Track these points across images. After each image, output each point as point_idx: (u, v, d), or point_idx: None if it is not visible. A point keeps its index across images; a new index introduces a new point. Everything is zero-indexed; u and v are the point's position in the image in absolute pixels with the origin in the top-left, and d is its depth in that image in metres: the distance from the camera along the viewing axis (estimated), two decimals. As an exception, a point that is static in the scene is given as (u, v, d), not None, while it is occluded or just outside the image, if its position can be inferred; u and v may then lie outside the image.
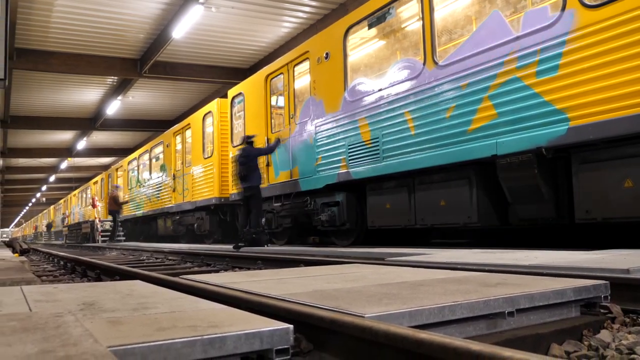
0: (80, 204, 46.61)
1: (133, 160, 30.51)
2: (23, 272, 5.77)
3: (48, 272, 11.04)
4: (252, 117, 16.00)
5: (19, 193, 75.18)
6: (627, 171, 7.01)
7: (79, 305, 2.92)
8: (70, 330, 1.82)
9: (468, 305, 2.80)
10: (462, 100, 8.98)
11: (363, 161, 11.11)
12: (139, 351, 1.91)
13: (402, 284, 3.69)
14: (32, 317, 2.13)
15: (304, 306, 2.75)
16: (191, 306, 2.84)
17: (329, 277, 4.29)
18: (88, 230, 32.93)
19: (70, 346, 1.57)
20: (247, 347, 2.12)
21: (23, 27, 20.57)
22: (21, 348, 1.57)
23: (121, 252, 19.36)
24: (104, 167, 51.80)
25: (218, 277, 4.68)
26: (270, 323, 2.27)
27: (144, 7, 19.41)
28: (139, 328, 2.22)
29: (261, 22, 21.05)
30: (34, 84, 27.41)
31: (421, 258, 6.48)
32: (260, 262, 9.37)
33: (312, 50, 13.14)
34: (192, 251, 12.57)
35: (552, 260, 5.29)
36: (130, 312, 2.68)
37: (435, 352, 1.93)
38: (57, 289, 3.74)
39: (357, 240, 12.36)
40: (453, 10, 10.90)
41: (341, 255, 9.00)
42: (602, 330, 3.09)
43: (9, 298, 3.25)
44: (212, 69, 25.80)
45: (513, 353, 1.69)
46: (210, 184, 19.40)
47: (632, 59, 6.74)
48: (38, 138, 40.31)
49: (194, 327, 2.20)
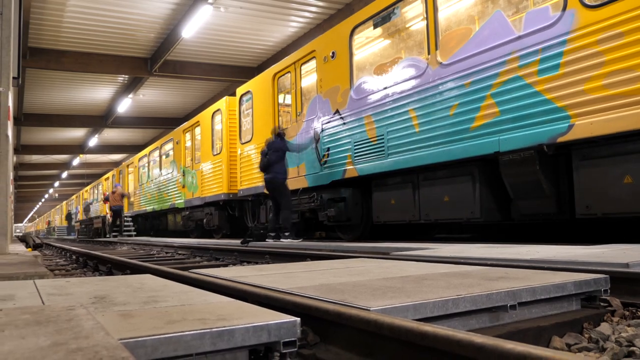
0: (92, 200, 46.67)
1: (144, 157, 30.53)
2: (36, 266, 5.78)
3: (60, 266, 11.06)
4: (260, 115, 16.01)
5: (32, 189, 75.44)
6: (626, 167, 7.00)
7: (90, 299, 2.93)
8: (82, 323, 1.82)
9: (471, 298, 2.80)
10: (465, 98, 8.98)
11: (368, 158, 11.11)
12: (150, 343, 1.91)
13: (406, 277, 3.68)
14: (45, 310, 2.13)
15: (310, 299, 2.75)
16: (200, 299, 2.84)
17: (335, 271, 4.29)
18: (100, 225, 32.97)
19: (82, 339, 1.58)
20: (255, 339, 2.12)
21: (36, 27, 20.64)
22: (34, 340, 1.58)
23: (132, 246, 19.39)
24: (115, 163, 51.93)
25: (227, 271, 4.68)
26: (277, 316, 2.27)
27: (154, 7, 19.46)
28: (149, 321, 2.22)
29: (269, 22, 21.09)
30: (47, 82, 27.51)
31: (425, 252, 6.47)
32: (267, 256, 9.37)
33: (318, 49, 13.14)
34: (201, 246, 12.57)
35: (553, 254, 5.28)
36: (141, 305, 2.68)
37: (439, 345, 1.93)
38: (70, 283, 3.75)
39: (362, 235, 12.36)
40: (456, 10, 10.89)
41: (347, 249, 9.00)
42: (602, 323, 3.09)
43: (22, 291, 3.25)
44: (220, 68, 25.86)
45: (515, 345, 1.69)
46: (219, 180, 19.42)
47: (631, 58, 6.74)
48: (51, 135, 40.42)
49: (203, 320, 2.20)
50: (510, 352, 1.68)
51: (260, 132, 15.92)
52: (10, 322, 1.88)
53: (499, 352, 1.71)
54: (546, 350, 1.61)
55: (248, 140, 16.72)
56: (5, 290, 3.31)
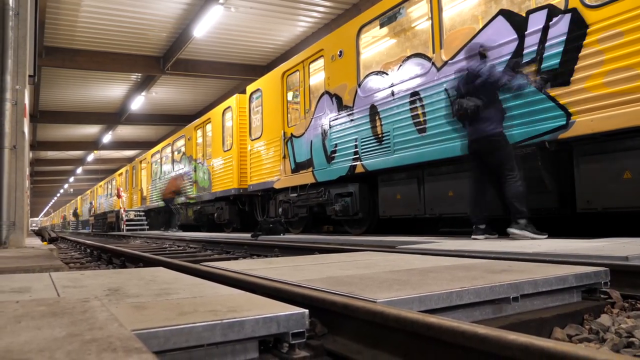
0: (106, 195, 46.75)
1: (156, 153, 30.56)
2: (52, 259, 5.80)
3: (75, 259, 11.09)
4: (269, 112, 16.02)
5: (47, 184, 75.59)
6: (626, 163, 6.99)
7: (104, 291, 2.94)
8: (97, 315, 1.82)
9: (475, 291, 2.80)
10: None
11: (375, 154, 11.11)
12: (162, 334, 1.92)
13: (411, 270, 3.69)
14: (60, 302, 2.14)
15: (318, 292, 2.75)
16: (211, 292, 2.84)
17: (342, 264, 4.29)
18: (113, 220, 33.04)
19: (97, 330, 1.58)
20: (264, 330, 2.13)
21: (51, 27, 20.69)
22: (50, 332, 1.58)
23: (145, 240, 19.44)
24: (128, 159, 52.02)
25: (237, 264, 4.69)
26: (286, 308, 2.28)
27: (166, 7, 19.48)
28: (161, 312, 2.23)
29: (278, 22, 21.08)
30: (62, 80, 27.59)
31: (430, 246, 6.47)
32: (277, 249, 9.38)
33: (326, 48, 13.14)
34: (212, 239, 12.59)
35: (554, 248, 5.27)
36: (154, 297, 2.69)
37: (444, 336, 1.93)
38: (84, 276, 3.76)
39: (369, 229, 12.36)
40: (460, 10, 10.87)
41: (354, 243, 9.00)
42: (602, 315, 3.09)
43: (38, 284, 3.27)
44: (231, 66, 25.87)
45: (517, 336, 1.69)
46: (230, 176, 19.43)
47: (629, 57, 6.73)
48: (66, 132, 40.51)
49: (214, 312, 2.21)
50: (513, 343, 1.68)
51: (269, 129, 15.94)
52: (27, 314, 1.89)
53: (502, 343, 1.71)
54: (548, 341, 1.61)
55: (258, 136, 16.73)
56: (22, 283, 3.32)
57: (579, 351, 1.49)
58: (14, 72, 8.11)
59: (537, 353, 1.59)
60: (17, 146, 8.05)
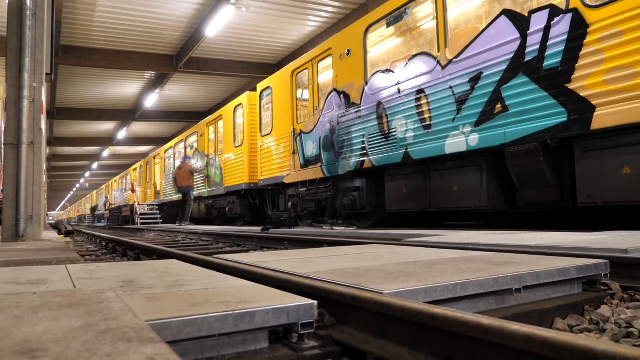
0: (121, 189, 46.83)
1: (169, 148, 30.59)
2: (68, 252, 5.81)
3: (91, 252, 11.13)
4: (279, 109, 16.02)
5: (64, 179, 75.91)
6: (625, 159, 6.98)
7: (119, 283, 2.94)
8: (112, 306, 1.83)
9: (479, 282, 2.79)
10: (473, 93, 8.95)
11: (382, 150, 11.10)
12: (175, 325, 1.92)
13: (417, 262, 3.68)
14: (76, 293, 2.14)
15: (327, 283, 2.75)
16: (223, 283, 2.84)
17: (350, 257, 4.29)
18: (128, 214, 33.07)
19: (112, 320, 1.59)
20: (274, 321, 2.13)
21: (68, 26, 20.75)
22: (66, 322, 1.59)
23: (158, 233, 19.49)
24: (142, 155, 52.16)
25: (248, 256, 4.69)
26: (296, 299, 2.28)
27: (179, 7, 19.51)
28: (175, 304, 2.23)
29: (288, 22, 21.09)
30: (78, 78, 27.67)
31: (435, 239, 6.46)
32: (286, 242, 9.38)
33: (334, 47, 13.12)
34: (224, 233, 12.60)
35: (556, 241, 5.26)
36: (167, 289, 2.70)
37: (449, 326, 1.93)
38: (100, 268, 3.76)
39: (376, 223, 12.36)
40: (465, 10, 10.85)
41: (361, 236, 9.00)
42: (602, 306, 3.08)
43: (55, 276, 3.27)
44: (242, 65, 25.89)
45: (520, 327, 1.69)
46: (241, 171, 19.46)
47: (629, 56, 6.70)
48: (82, 128, 40.62)
49: (226, 303, 2.21)
50: (515, 333, 1.67)
51: (279, 125, 15.94)
52: (44, 305, 1.89)
53: (505, 333, 1.71)
54: (549, 331, 1.61)
55: (268, 133, 16.74)
56: (39, 275, 3.33)
57: (580, 341, 1.49)
58: (32, 71, 8.12)
59: (539, 343, 1.59)
60: (34, 142, 8.06)
